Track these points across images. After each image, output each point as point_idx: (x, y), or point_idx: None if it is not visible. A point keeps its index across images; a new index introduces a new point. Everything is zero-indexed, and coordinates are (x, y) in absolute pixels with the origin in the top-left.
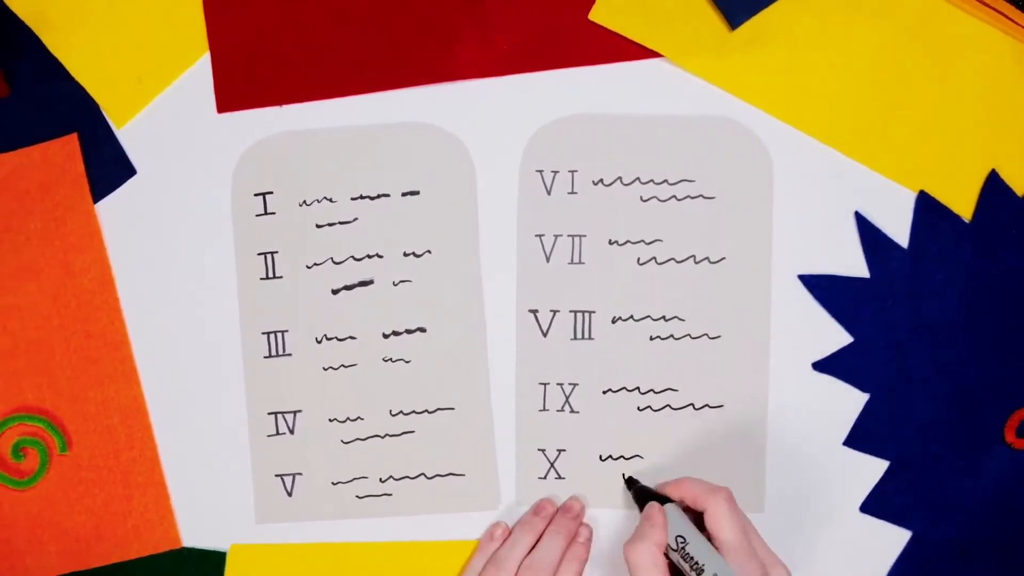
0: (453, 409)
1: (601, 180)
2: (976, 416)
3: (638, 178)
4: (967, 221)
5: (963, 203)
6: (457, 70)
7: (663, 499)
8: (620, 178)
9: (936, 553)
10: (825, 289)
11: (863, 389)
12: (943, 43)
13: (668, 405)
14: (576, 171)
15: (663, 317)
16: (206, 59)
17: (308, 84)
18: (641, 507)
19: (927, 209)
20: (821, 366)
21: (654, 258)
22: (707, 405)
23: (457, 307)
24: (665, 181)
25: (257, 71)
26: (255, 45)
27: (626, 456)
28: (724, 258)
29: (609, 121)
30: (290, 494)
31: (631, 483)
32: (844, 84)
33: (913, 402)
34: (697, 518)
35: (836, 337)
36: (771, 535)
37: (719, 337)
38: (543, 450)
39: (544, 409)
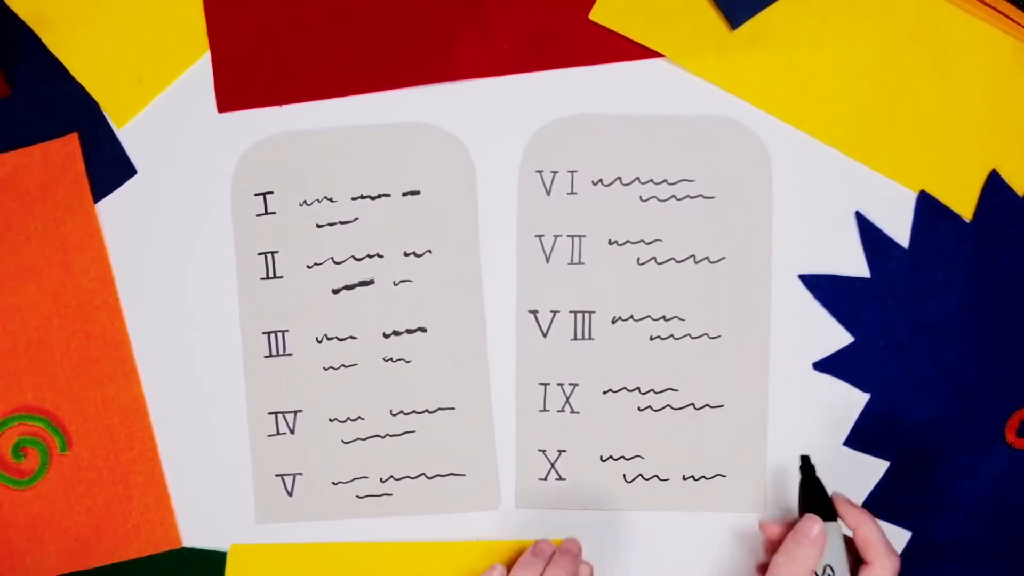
0: (453, 409)
1: (601, 180)
2: (976, 416)
3: (638, 178)
4: (967, 221)
5: (963, 203)
6: (457, 70)
7: (827, 510)
8: (620, 178)
9: (936, 553)
10: (825, 289)
11: (863, 389)
12: (943, 43)
13: (668, 405)
14: (576, 171)
15: (663, 317)
16: (206, 59)
17: (308, 84)
18: (803, 501)
19: (928, 209)
20: (821, 366)
21: (654, 258)
22: (707, 405)
23: (457, 307)
24: (665, 181)
25: (257, 71)
26: (255, 45)
27: (627, 456)
28: (724, 258)
29: (609, 121)
30: (290, 494)
31: (806, 467)
32: (844, 84)
33: (913, 402)
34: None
35: (836, 337)
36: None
37: (719, 337)
38: (543, 451)
39: (544, 409)
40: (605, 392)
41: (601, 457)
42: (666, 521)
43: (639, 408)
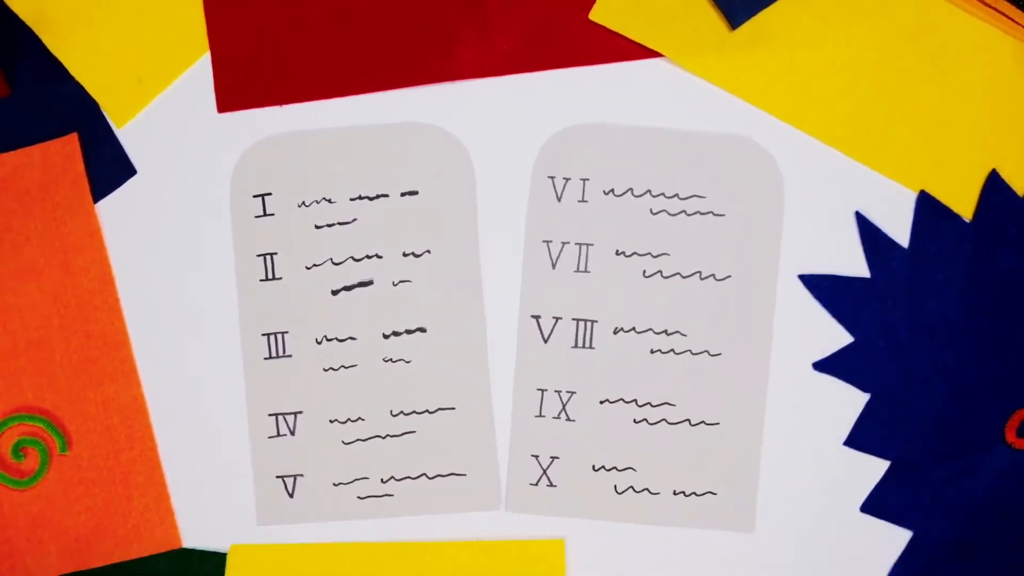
0: (454, 409)
1: (612, 190)
2: (976, 416)
3: (649, 190)
4: (967, 221)
5: (963, 203)
6: (457, 70)
7: None
8: (631, 189)
9: (936, 553)
10: (825, 289)
11: (863, 389)
12: (943, 43)
13: (664, 419)
14: (588, 179)
15: (665, 331)
16: (206, 59)
17: (308, 84)
18: None
19: (928, 209)
20: (821, 366)
21: (660, 271)
22: (703, 422)
23: (458, 307)
24: (676, 195)
25: (257, 71)
26: (255, 45)
27: (619, 467)
28: (729, 276)
29: (623, 131)
30: (291, 496)
31: None
32: (844, 84)
33: (913, 402)
34: None
35: (836, 337)
36: (770, 535)
37: (719, 355)
38: (536, 456)
39: (540, 415)
40: (602, 402)
41: (593, 466)
42: (658, 533)
43: (635, 420)
